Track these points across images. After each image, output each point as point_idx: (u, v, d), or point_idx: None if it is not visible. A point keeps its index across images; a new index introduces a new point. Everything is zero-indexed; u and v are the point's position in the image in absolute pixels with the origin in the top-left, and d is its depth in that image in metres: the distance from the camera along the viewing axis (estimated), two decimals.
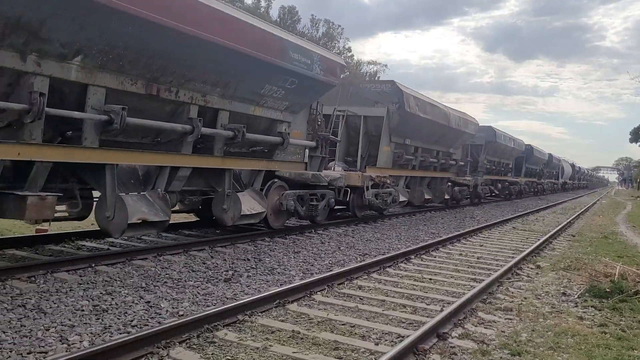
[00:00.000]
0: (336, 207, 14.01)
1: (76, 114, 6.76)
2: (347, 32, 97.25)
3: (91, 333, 4.66)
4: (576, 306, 6.78)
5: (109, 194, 7.37)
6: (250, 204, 9.73)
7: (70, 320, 4.94)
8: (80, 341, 4.46)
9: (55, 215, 6.96)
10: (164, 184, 8.26)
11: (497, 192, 28.06)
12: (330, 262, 8.74)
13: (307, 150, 11.99)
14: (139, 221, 7.44)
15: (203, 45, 7.77)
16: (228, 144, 9.40)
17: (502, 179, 28.86)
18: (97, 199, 7.68)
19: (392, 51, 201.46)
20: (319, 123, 11.93)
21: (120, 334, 4.69)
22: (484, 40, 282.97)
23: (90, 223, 10.16)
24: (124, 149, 7.70)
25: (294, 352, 4.56)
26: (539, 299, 7.07)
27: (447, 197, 20.87)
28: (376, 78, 46.56)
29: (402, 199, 16.54)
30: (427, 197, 18.83)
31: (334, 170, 13.56)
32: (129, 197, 7.58)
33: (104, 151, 7.23)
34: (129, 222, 7.31)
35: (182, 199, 9.54)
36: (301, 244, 10.23)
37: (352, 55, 78.05)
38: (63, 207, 7.72)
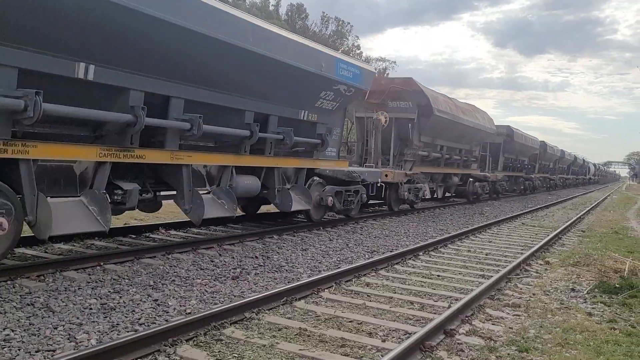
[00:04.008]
0: None
1: None
2: (356, 28, 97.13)
3: (99, 331, 4.69)
4: (585, 302, 6.74)
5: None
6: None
7: (78, 318, 4.98)
8: (88, 339, 4.49)
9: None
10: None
11: (562, 183, 49.48)
12: (339, 259, 8.74)
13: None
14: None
15: None
16: None
17: (564, 176, 51.48)
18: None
19: (401, 47, 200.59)
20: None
21: (128, 332, 4.72)
22: (494, 35, 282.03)
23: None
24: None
25: (301, 350, 4.57)
26: (548, 295, 7.03)
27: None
28: (385, 75, 46.36)
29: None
30: None
31: None
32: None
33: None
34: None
35: None
36: (309, 241, 10.23)
37: (361, 53, 78.00)
38: None
